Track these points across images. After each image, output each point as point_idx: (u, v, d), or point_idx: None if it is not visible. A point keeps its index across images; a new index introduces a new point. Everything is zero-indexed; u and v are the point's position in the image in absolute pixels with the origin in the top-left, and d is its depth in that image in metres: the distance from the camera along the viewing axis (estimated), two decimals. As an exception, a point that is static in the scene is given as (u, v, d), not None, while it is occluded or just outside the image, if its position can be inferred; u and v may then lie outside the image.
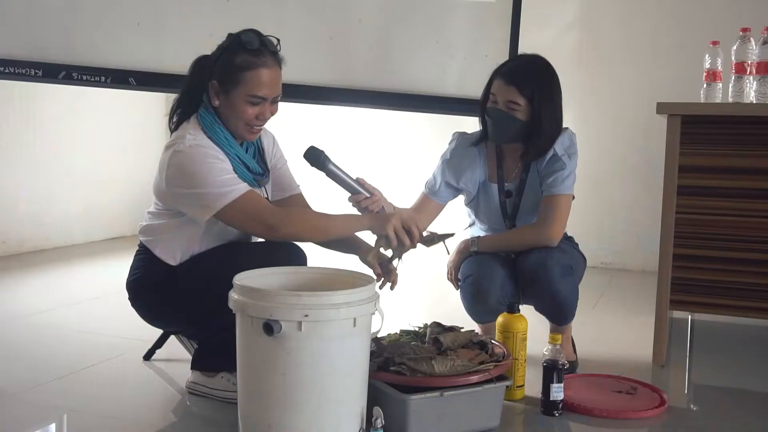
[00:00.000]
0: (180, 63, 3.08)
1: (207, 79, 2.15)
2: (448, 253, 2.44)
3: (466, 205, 2.64)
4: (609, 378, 2.42)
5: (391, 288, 2.21)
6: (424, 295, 3.84)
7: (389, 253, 2.16)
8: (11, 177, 4.45)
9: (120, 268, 2.34)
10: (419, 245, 2.16)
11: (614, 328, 3.20)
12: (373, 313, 1.80)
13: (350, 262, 2.29)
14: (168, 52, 3.17)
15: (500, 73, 2.43)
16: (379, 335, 1.99)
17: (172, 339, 2.52)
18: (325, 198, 2.72)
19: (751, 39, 2.58)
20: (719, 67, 2.68)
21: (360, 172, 2.34)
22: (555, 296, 2.38)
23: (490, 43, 3.04)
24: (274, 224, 2.04)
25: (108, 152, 5.09)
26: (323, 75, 3.11)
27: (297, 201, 2.39)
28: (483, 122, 2.51)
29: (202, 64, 2.19)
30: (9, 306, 3.29)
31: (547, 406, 2.12)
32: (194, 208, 2.07)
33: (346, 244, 2.24)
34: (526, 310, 2.34)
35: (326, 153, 2.16)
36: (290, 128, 4.13)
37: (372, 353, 1.96)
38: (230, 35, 2.14)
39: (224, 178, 2.04)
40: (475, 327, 2.56)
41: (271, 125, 2.33)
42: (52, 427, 2.04)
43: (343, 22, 3.12)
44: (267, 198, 2.27)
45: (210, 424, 2.07)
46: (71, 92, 4.57)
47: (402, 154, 4.93)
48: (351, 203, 2.25)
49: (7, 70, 3.25)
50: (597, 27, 4.48)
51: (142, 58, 3.17)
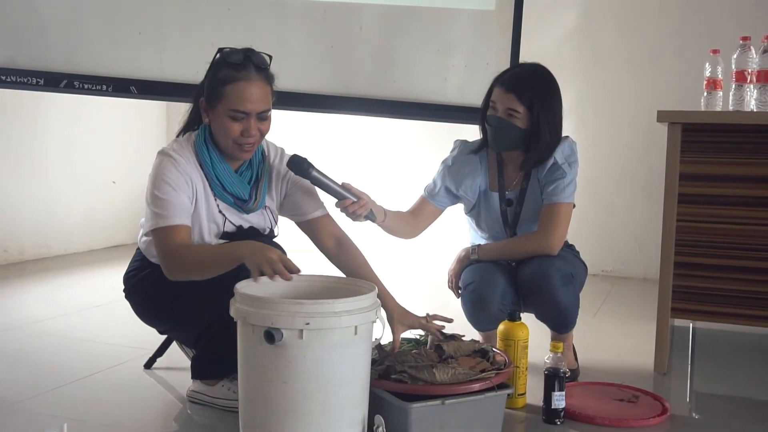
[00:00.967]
0: (181, 72, 3.11)
1: (198, 96, 2.16)
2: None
3: (466, 214, 2.64)
4: (611, 386, 2.42)
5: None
6: (425, 303, 3.83)
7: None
8: (12, 186, 4.45)
9: (120, 276, 2.34)
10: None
11: (616, 336, 3.20)
12: (375, 321, 1.80)
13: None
14: (169, 61, 3.18)
15: (500, 81, 2.44)
16: (380, 343, 1.99)
17: (173, 347, 2.52)
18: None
19: (752, 47, 2.58)
20: (719, 76, 2.68)
21: (360, 180, 2.34)
22: (556, 304, 2.38)
23: (490, 52, 3.04)
24: (166, 269, 2.03)
25: (108, 161, 5.10)
26: (324, 83, 3.11)
27: (321, 225, 2.26)
28: (483, 130, 2.51)
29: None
30: (10, 314, 3.29)
31: (549, 414, 2.12)
32: (146, 220, 2.12)
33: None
34: (527, 318, 2.34)
35: (309, 161, 2.15)
36: (291, 137, 4.14)
37: (373, 361, 1.96)
38: (218, 50, 2.13)
39: (167, 202, 2.04)
40: (476, 335, 2.57)
41: (273, 134, 2.33)
42: (53, 436, 2.04)
43: (344, 31, 3.13)
44: (271, 227, 2.27)
45: (211, 432, 2.08)
46: (72, 101, 4.59)
47: (402, 162, 4.94)
48: (339, 209, 2.23)
49: (8, 79, 3.25)
50: (598, 35, 4.50)
51: (144, 67, 3.17)
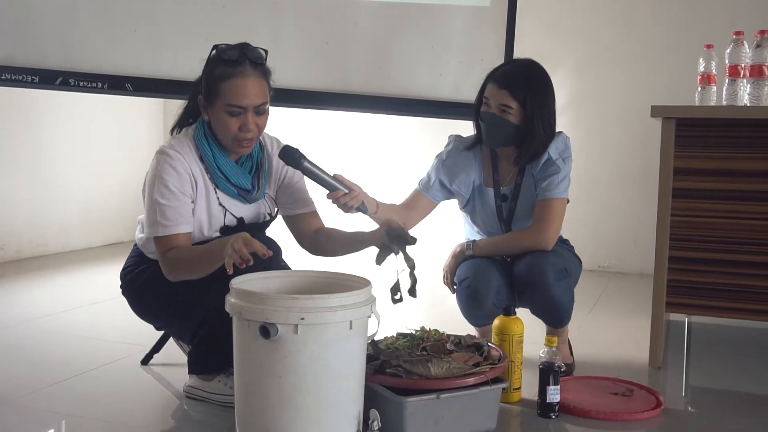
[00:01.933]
0: (176, 69, 3.11)
1: (196, 94, 2.17)
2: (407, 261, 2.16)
3: (461, 209, 2.65)
4: (605, 380, 2.43)
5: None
6: (420, 298, 3.84)
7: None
8: (9, 184, 4.45)
9: (118, 273, 2.35)
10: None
11: (611, 330, 3.21)
12: (370, 316, 1.81)
13: (346, 266, 2.30)
14: (164, 58, 3.18)
15: (493, 77, 2.44)
16: (375, 338, 2.00)
17: (170, 344, 2.53)
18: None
19: (745, 42, 2.59)
20: (713, 71, 2.69)
21: (356, 176, 2.35)
22: (550, 300, 2.39)
23: (485, 48, 3.05)
24: (165, 272, 2.09)
25: (105, 158, 5.10)
26: (319, 80, 3.12)
27: (307, 220, 2.34)
28: (477, 126, 2.52)
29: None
30: (8, 312, 3.29)
31: (544, 408, 2.13)
32: (144, 225, 2.17)
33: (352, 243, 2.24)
34: (523, 313, 2.35)
35: (301, 151, 2.16)
36: (287, 133, 4.14)
37: (368, 356, 1.96)
38: (213, 47, 2.14)
39: (165, 209, 2.08)
40: (472, 330, 2.58)
41: (269, 131, 2.34)
42: (51, 432, 2.05)
43: (339, 28, 3.13)
44: (269, 214, 2.30)
45: (208, 427, 2.08)
46: (68, 99, 4.58)
47: (397, 158, 4.94)
48: (330, 200, 2.23)
49: (4, 77, 3.25)
50: (592, 31, 4.50)
51: (139, 64, 3.17)
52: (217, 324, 1.99)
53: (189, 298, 2.12)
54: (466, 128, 2.64)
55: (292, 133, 4.71)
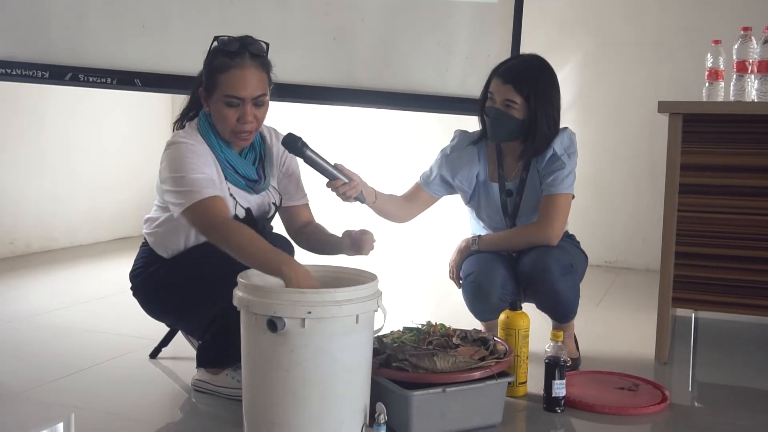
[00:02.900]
0: (184, 64, 3.12)
1: (198, 86, 2.18)
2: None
3: (466, 204, 2.66)
4: (611, 375, 2.43)
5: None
6: (427, 294, 3.86)
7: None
8: (18, 179, 4.48)
9: (125, 268, 2.36)
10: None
11: (618, 325, 3.21)
12: (376, 310, 1.81)
13: (354, 261, 2.31)
14: (173, 53, 3.19)
15: (498, 72, 2.45)
16: (381, 332, 2.01)
17: (178, 337, 2.55)
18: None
19: (753, 38, 2.59)
20: (721, 66, 2.69)
21: (362, 170, 2.35)
22: (555, 295, 2.39)
23: (492, 43, 3.05)
24: (211, 237, 1.99)
25: (113, 153, 5.12)
26: (326, 75, 3.12)
27: (299, 211, 2.37)
28: (482, 121, 2.53)
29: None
30: (17, 306, 3.32)
31: (549, 402, 2.14)
32: (171, 205, 2.09)
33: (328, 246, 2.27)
34: (529, 308, 2.36)
35: (303, 140, 2.17)
36: (294, 128, 4.14)
37: (375, 350, 1.98)
38: (214, 38, 2.14)
39: (195, 178, 2.03)
40: (478, 325, 2.58)
41: (274, 126, 2.35)
42: (60, 425, 2.06)
43: (346, 23, 3.14)
44: (275, 203, 2.29)
45: (215, 421, 2.10)
46: (76, 94, 4.61)
47: (403, 152, 4.94)
48: (330, 189, 2.24)
49: (14, 72, 3.27)
50: (599, 27, 4.49)
51: (148, 60, 3.19)
52: (230, 320, 2.00)
53: (203, 294, 2.12)
54: (472, 123, 2.64)
55: (300, 128, 4.72)
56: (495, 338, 2.18)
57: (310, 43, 3.15)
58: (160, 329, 2.53)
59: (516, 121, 2.41)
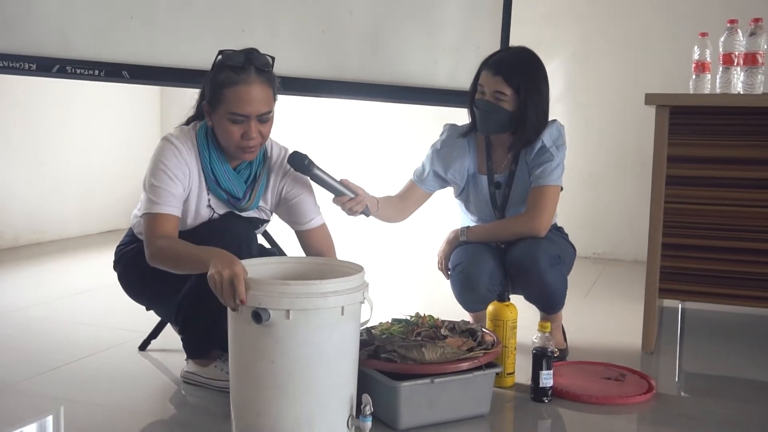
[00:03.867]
0: (173, 56, 3.11)
1: (201, 99, 2.16)
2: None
3: (456, 197, 2.67)
4: (598, 365, 2.45)
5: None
6: (415, 284, 3.87)
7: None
8: (6, 172, 4.46)
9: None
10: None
11: (605, 316, 3.23)
12: (362, 302, 1.82)
13: (344, 253, 2.32)
14: (161, 46, 3.17)
15: (487, 64, 2.46)
16: (369, 324, 2.02)
17: (168, 329, 2.55)
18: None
19: (739, 30, 2.60)
20: (708, 59, 2.70)
21: (352, 164, 2.36)
22: (543, 286, 2.41)
23: (481, 36, 3.06)
24: (147, 254, 2.03)
25: (102, 146, 5.11)
26: (315, 67, 3.12)
27: (306, 236, 2.28)
28: (472, 114, 2.54)
29: None
30: (5, 299, 3.31)
31: (537, 392, 2.16)
32: (140, 203, 2.15)
33: None
34: (517, 299, 2.37)
35: (310, 158, 2.17)
36: (282, 121, 4.14)
37: (363, 342, 1.98)
38: (219, 52, 2.11)
39: (161, 190, 2.05)
40: (467, 316, 2.60)
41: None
42: (50, 418, 2.06)
43: (336, 15, 3.13)
44: (262, 221, 2.30)
45: (204, 412, 2.10)
46: (65, 86, 4.59)
47: (393, 145, 4.95)
48: (336, 204, 2.28)
49: (1, 64, 3.25)
50: (588, 19, 4.50)
51: (135, 52, 3.17)
52: (193, 307, 2.00)
53: (164, 282, 2.11)
54: (461, 116, 2.65)
55: (289, 120, 4.73)
56: (483, 329, 2.19)
57: (299, 35, 3.15)
58: (150, 321, 2.53)
59: (506, 112, 2.42)
